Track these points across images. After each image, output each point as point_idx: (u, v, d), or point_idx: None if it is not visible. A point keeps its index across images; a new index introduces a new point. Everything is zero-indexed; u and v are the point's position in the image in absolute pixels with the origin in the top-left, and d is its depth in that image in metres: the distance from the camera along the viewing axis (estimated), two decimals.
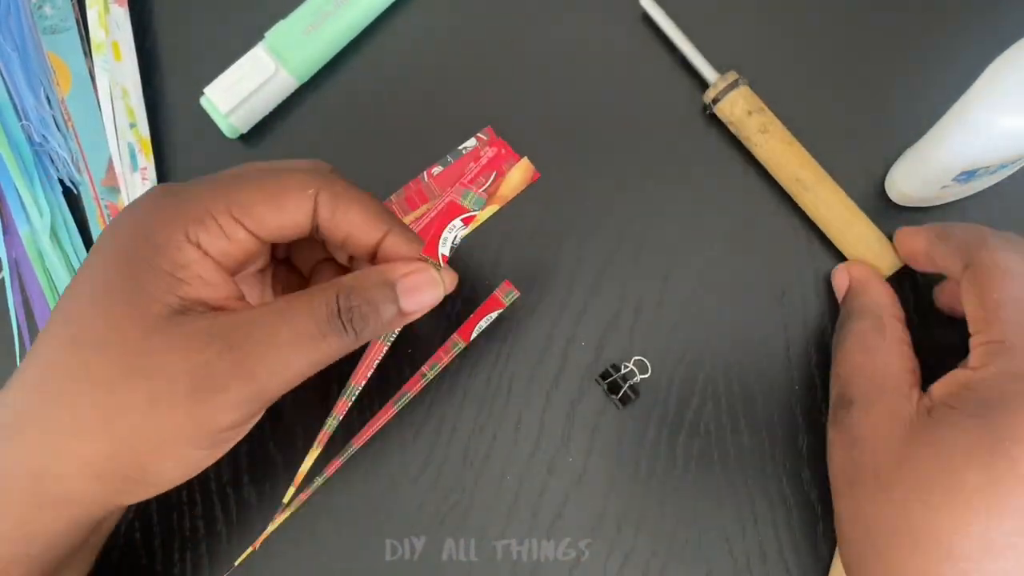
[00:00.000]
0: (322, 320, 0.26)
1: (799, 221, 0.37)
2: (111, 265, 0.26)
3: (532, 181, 0.38)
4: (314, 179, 0.28)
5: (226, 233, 0.27)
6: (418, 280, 0.28)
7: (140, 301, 0.25)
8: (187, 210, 0.26)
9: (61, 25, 0.40)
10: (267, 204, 0.27)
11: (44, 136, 0.38)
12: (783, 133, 0.36)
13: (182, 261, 0.26)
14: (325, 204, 0.28)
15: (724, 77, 0.36)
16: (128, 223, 0.27)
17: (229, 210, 0.27)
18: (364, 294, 0.27)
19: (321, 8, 0.38)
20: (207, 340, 0.25)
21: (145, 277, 0.25)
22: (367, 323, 0.27)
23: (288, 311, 0.26)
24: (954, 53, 0.38)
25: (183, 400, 0.25)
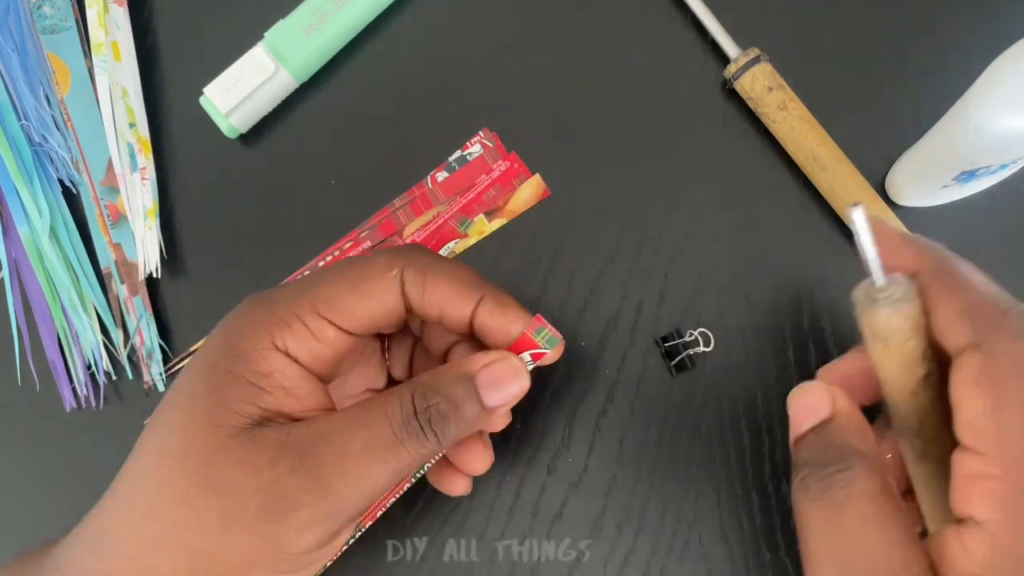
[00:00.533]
0: (398, 424, 0.24)
1: (812, 206, 0.37)
2: (198, 374, 0.25)
3: (543, 198, 0.38)
4: (396, 258, 0.27)
5: (314, 333, 0.26)
6: (499, 371, 0.26)
7: (219, 412, 0.24)
8: (272, 315, 0.26)
9: (61, 25, 0.40)
10: (352, 293, 0.26)
11: (44, 136, 0.38)
12: (802, 111, 0.36)
13: (265, 369, 0.25)
14: (412, 282, 0.27)
15: (746, 53, 0.36)
16: (219, 333, 0.26)
17: (315, 308, 0.26)
18: (442, 391, 0.25)
19: (321, 8, 0.38)
20: (278, 454, 0.24)
21: (226, 387, 0.25)
22: (447, 423, 0.25)
23: (362, 417, 0.25)
24: (955, 52, 0.38)
25: (254, 520, 0.23)
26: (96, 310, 0.37)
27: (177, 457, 0.24)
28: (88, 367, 0.37)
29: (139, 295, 0.37)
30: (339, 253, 0.38)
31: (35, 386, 0.37)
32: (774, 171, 0.37)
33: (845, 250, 0.36)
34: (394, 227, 0.38)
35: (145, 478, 0.25)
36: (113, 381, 0.37)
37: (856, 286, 0.26)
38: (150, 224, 0.37)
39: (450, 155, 0.38)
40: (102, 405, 0.37)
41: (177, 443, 0.24)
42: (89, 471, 0.37)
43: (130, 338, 0.37)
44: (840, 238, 0.37)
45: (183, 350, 0.37)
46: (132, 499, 0.25)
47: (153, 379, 0.37)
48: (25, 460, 0.37)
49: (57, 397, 0.37)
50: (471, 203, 0.38)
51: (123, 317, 0.37)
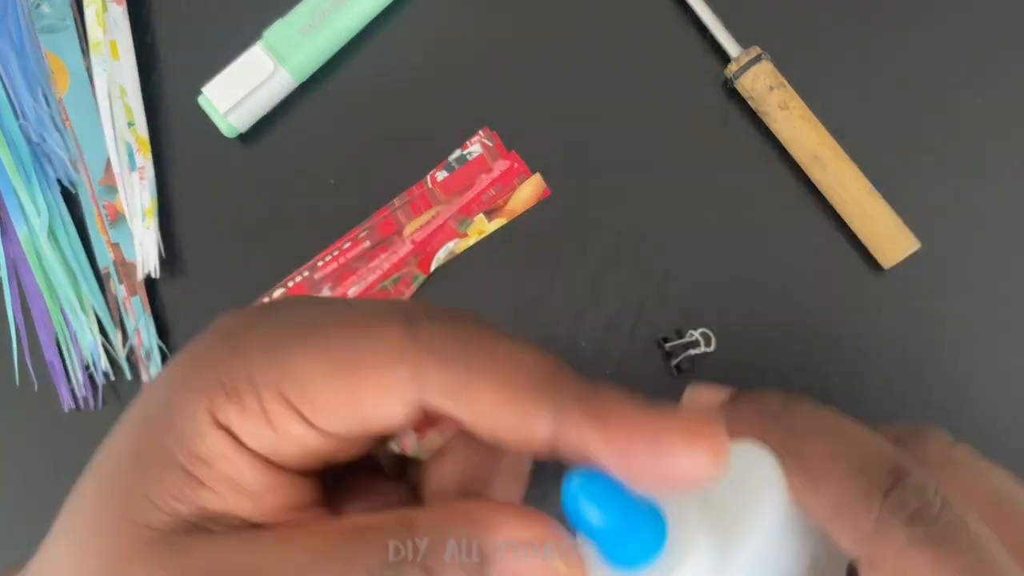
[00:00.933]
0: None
1: (813, 206, 0.37)
2: (127, 439, 0.18)
3: (543, 197, 0.38)
4: (414, 344, 0.16)
5: (270, 421, 0.17)
6: (525, 570, 0.17)
7: (138, 505, 0.17)
8: (224, 372, 0.17)
9: (59, 24, 0.39)
10: (334, 384, 0.16)
11: (42, 135, 0.38)
12: (803, 110, 0.36)
13: (204, 454, 0.17)
14: (437, 389, 0.16)
15: (747, 52, 0.36)
16: (166, 373, 0.19)
17: (280, 385, 0.16)
18: (428, 561, 0.16)
19: (320, 7, 0.38)
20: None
21: (152, 470, 0.17)
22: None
23: (319, 564, 0.16)
24: (956, 51, 0.38)
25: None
26: (94, 310, 0.37)
27: (78, 552, 0.18)
28: (86, 367, 0.37)
29: (138, 295, 0.37)
30: (338, 253, 0.38)
31: (33, 386, 0.37)
32: (775, 171, 0.37)
33: (846, 250, 0.36)
34: (393, 227, 0.38)
35: (47, 568, 0.19)
36: (111, 381, 0.37)
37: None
38: (148, 224, 0.37)
39: (450, 154, 0.38)
40: (100, 405, 0.37)
41: (81, 533, 0.18)
42: None
43: (128, 338, 0.37)
44: (841, 238, 0.36)
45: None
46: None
47: (152, 379, 0.37)
48: (23, 460, 0.37)
49: (55, 397, 0.37)
50: (471, 203, 0.38)
51: (121, 317, 0.37)
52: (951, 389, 0.35)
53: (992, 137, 0.37)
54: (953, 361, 0.29)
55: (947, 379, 0.35)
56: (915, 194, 0.36)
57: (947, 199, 0.35)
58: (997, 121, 0.37)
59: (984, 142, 0.37)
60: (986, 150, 0.37)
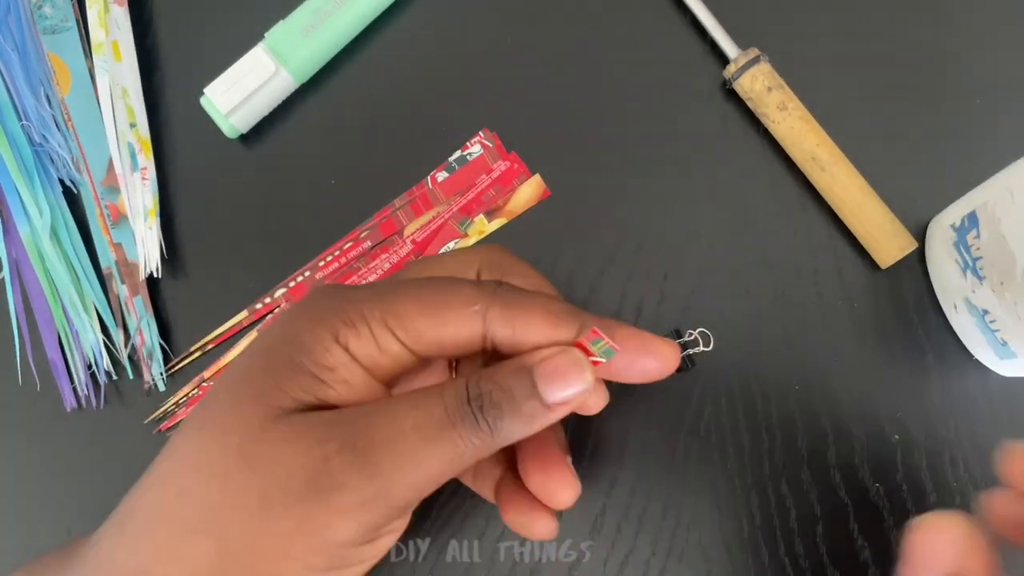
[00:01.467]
0: (452, 407, 0.23)
1: (812, 206, 0.37)
2: (255, 357, 0.24)
3: (543, 198, 0.38)
4: (482, 293, 0.24)
5: (378, 342, 0.24)
6: (559, 363, 0.24)
7: (271, 393, 0.23)
8: (341, 312, 0.24)
9: (61, 25, 0.40)
10: (425, 317, 0.24)
11: (44, 136, 0.38)
12: (802, 111, 0.36)
13: (329, 363, 0.23)
14: (499, 320, 0.24)
15: (746, 53, 0.36)
16: (284, 319, 0.25)
17: (384, 319, 0.24)
18: (496, 380, 0.23)
19: (321, 8, 0.38)
20: (327, 431, 0.22)
21: (283, 372, 0.23)
22: (501, 412, 0.23)
23: (414, 398, 0.23)
24: (956, 48, 0.38)
25: (295, 500, 0.22)
26: (97, 310, 0.37)
27: (218, 434, 0.23)
28: (89, 367, 0.37)
29: (139, 295, 0.37)
30: (339, 253, 0.38)
31: (36, 386, 0.37)
32: (774, 171, 0.37)
33: (845, 250, 0.37)
34: (394, 227, 0.38)
35: (181, 457, 0.23)
36: (114, 381, 0.37)
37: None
38: (150, 224, 0.37)
39: (450, 155, 0.38)
40: (103, 405, 0.37)
41: (219, 420, 0.23)
42: (90, 471, 0.37)
43: (131, 338, 0.37)
44: (840, 238, 0.37)
45: (184, 350, 0.37)
46: (164, 479, 0.23)
47: (154, 379, 0.37)
48: (25, 459, 0.37)
49: (57, 397, 0.37)
50: (471, 203, 0.38)
51: (124, 317, 0.37)
52: (949, 385, 0.35)
53: (991, 137, 0.37)
54: (953, 361, 0.29)
55: (944, 376, 0.35)
56: (913, 194, 0.37)
57: (945, 199, 0.35)
58: (996, 121, 0.37)
59: (983, 142, 0.37)
60: (985, 150, 0.37)
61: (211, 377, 0.37)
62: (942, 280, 0.35)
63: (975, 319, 0.33)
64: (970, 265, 0.33)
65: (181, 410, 0.37)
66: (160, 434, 0.37)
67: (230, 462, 0.22)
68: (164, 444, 0.25)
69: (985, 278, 0.32)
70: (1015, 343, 0.32)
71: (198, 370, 0.37)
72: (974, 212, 0.32)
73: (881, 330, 0.36)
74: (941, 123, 0.38)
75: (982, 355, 0.35)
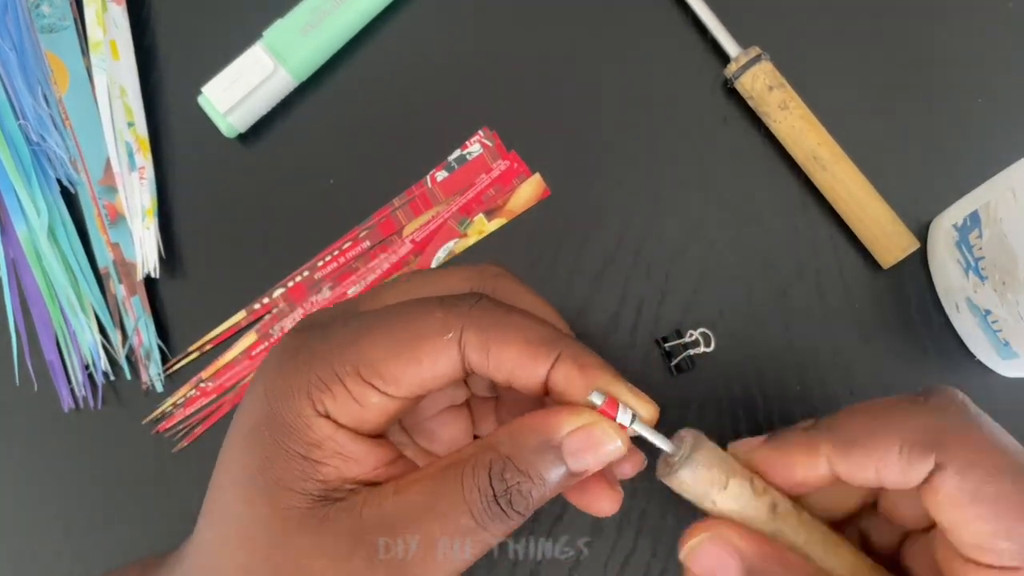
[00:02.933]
0: (479, 512, 0.22)
1: (812, 206, 0.37)
2: (243, 446, 0.23)
3: (542, 197, 0.38)
4: (454, 317, 0.23)
5: (357, 399, 0.23)
6: (589, 439, 0.23)
7: (280, 495, 0.22)
8: (310, 375, 0.23)
9: (59, 24, 0.39)
10: (398, 358, 0.23)
11: (42, 135, 0.38)
12: (803, 110, 0.36)
13: (314, 439, 0.22)
14: (473, 345, 0.23)
15: (747, 52, 0.36)
16: (259, 391, 0.24)
17: (357, 371, 0.23)
18: (522, 465, 0.22)
19: (320, 7, 0.38)
20: (352, 546, 0.22)
21: (278, 465, 0.23)
22: (531, 499, 0.22)
23: (440, 501, 0.22)
24: (957, 46, 0.38)
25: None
26: (94, 310, 0.37)
27: (245, 542, 0.23)
28: (86, 367, 0.37)
29: (137, 295, 0.37)
30: (338, 252, 0.38)
31: (33, 386, 0.37)
32: (774, 171, 0.37)
33: (847, 250, 0.36)
34: (393, 227, 0.38)
35: (216, 559, 0.24)
36: (111, 381, 0.37)
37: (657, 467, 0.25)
38: (148, 224, 0.37)
39: (450, 154, 0.38)
40: (100, 405, 0.37)
41: (242, 526, 0.23)
42: (87, 471, 0.37)
43: (128, 338, 0.37)
44: (842, 238, 0.36)
45: (181, 350, 0.37)
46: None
47: (151, 379, 0.37)
48: (23, 460, 0.37)
49: (55, 397, 0.37)
50: (471, 203, 0.38)
51: (121, 317, 0.37)
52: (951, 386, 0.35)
53: (993, 137, 0.37)
54: (955, 361, 0.29)
55: (946, 378, 0.35)
56: (915, 194, 0.37)
57: (947, 199, 0.35)
58: (998, 121, 0.37)
59: (985, 142, 0.37)
60: (987, 150, 0.37)
61: (209, 378, 0.37)
62: (944, 280, 0.35)
63: (977, 319, 0.33)
64: (972, 265, 0.32)
65: (179, 411, 0.37)
66: (158, 435, 0.37)
67: (263, 571, 0.22)
68: (164, 446, 0.25)
69: (987, 278, 0.31)
70: (1017, 343, 0.31)
71: (196, 370, 0.37)
72: (976, 212, 0.32)
73: (882, 330, 0.36)
74: (943, 123, 0.37)
75: (984, 355, 0.35)
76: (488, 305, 0.24)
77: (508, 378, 0.23)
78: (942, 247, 0.35)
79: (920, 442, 0.22)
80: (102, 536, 0.36)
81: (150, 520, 0.36)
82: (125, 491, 0.36)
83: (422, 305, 0.24)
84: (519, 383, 0.23)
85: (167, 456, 0.36)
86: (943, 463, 0.22)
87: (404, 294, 0.26)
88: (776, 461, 0.25)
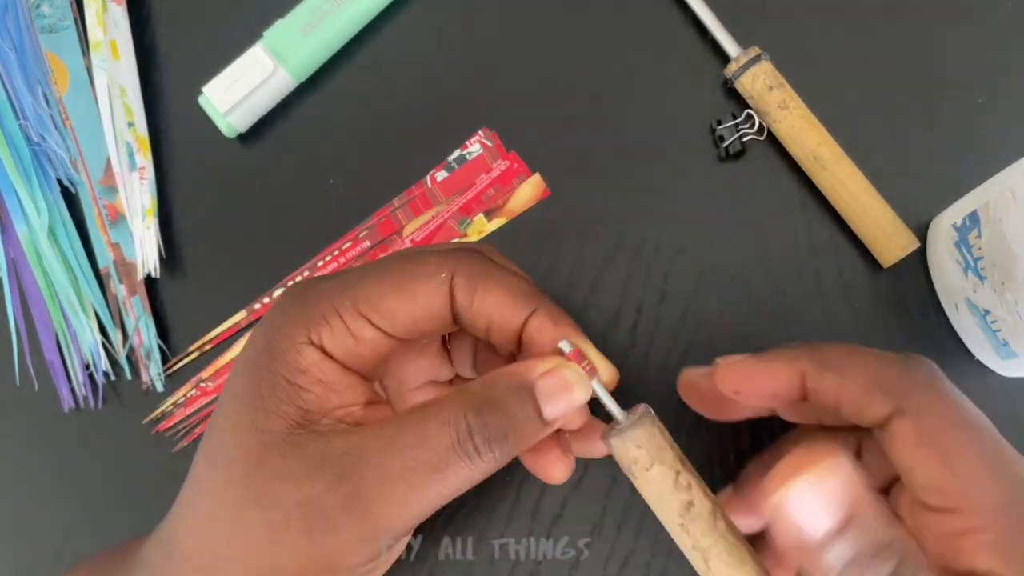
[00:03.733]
0: (443, 448, 0.22)
1: (812, 206, 0.37)
2: (241, 375, 0.25)
3: (542, 197, 0.38)
4: (447, 261, 0.25)
5: (352, 331, 0.24)
6: (560, 380, 0.24)
7: (261, 416, 0.23)
8: (311, 309, 0.24)
9: (59, 24, 0.39)
10: (395, 294, 0.24)
11: (42, 135, 0.38)
12: (803, 110, 0.36)
13: (301, 365, 0.24)
14: (462, 288, 0.25)
15: (746, 52, 0.36)
16: (260, 327, 0.25)
17: (355, 306, 0.24)
18: (498, 407, 0.23)
19: (320, 7, 0.38)
20: (315, 469, 0.23)
21: (265, 387, 0.24)
22: (506, 441, 0.23)
23: (404, 436, 0.23)
24: (957, 46, 0.38)
25: (297, 540, 0.23)
26: (94, 310, 0.37)
27: (224, 465, 0.24)
28: (86, 367, 0.37)
29: (137, 295, 0.37)
30: (338, 253, 0.38)
31: (33, 386, 0.37)
32: (774, 170, 0.37)
33: (846, 249, 0.36)
34: (393, 227, 0.38)
35: (199, 485, 0.25)
36: (111, 381, 0.37)
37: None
38: (148, 224, 0.37)
39: (449, 154, 0.38)
40: (100, 405, 0.37)
41: (225, 450, 0.24)
42: (87, 471, 0.37)
43: (128, 338, 0.37)
44: (842, 237, 0.36)
45: (182, 350, 0.37)
46: (193, 505, 0.25)
47: (152, 379, 0.37)
48: (23, 460, 0.37)
49: (55, 397, 0.37)
50: (470, 203, 0.38)
51: (121, 317, 0.37)
52: None
53: (993, 137, 0.37)
54: (954, 361, 0.29)
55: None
56: (914, 194, 0.37)
57: (947, 199, 0.35)
58: (998, 121, 0.37)
59: (985, 142, 0.37)
60: (987, 149, 0.37)
61: (209, 377, 0.37)
62: (943, 280, 0.35)
63: (976, 319, 0.33)
64: (971, 265, 0.32)
65: (179, 410, 0.37)
66: (158, 435, 0.37)
67: (239, 495, 0.23)
68: (164, 446, 0.25)
69: (986, 278, 0.32)
70: (1016, 343, 0.31)
71: (196, 370, 0.37)
72: (975, 212, 0.32)
73: (882, 330, 0.36)
74: (943, 122, 0.37)
75: (983, 355, 0.35)
76: (478, 256, 0.26)
77: (487, 324, 0.25)
78: (942, 247, 0.35)
79: (883, 386, 0.24)
80: (102, 536, 0.36)
81: (150, 520, 0.36)
82: (125, 491, 0.36)
83: (418, 251, 0.26)
84: (497, 330, 0.25)
85: (167, 456, 0.36)
86: (902, 409, 0.24)
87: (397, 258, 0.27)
88: (759, 371, 0.26)
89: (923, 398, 0.24)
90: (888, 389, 0.24)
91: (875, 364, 0.25)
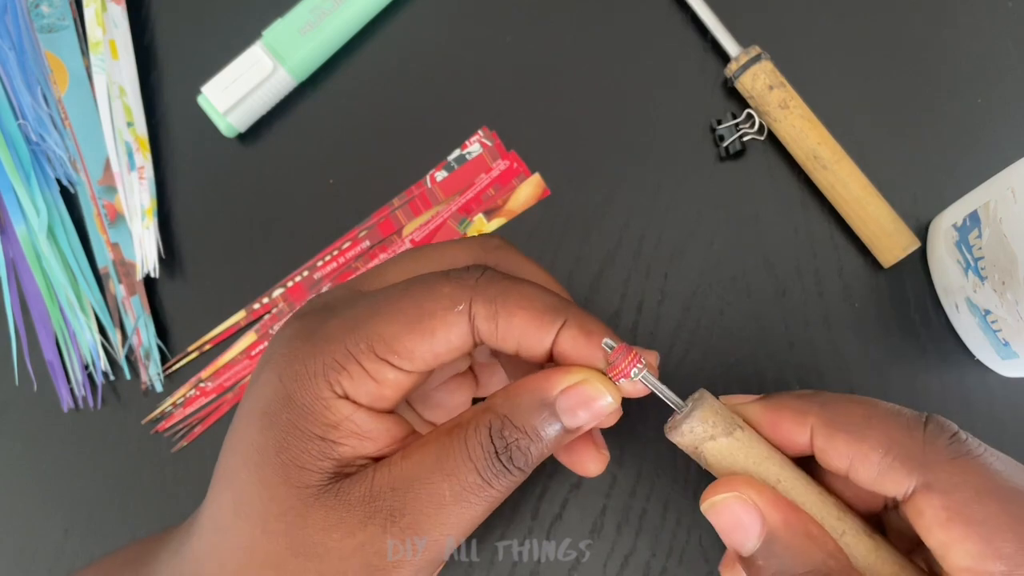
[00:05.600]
0: (483, 468, 0.23)
1: (813, 205, 0.37)
2: (257, 427, 0.24)
3: (542, 197, 0.38)
4: (462, 290, 0.23)
5: (372, 376, 0.23)
6: (580, 396, 0.23)
7: (295, 473, 0.23)
8: (326, 356, 0.23)
9: (58, 24, 0.39)
10: (411, 333, 0.23)
11: (41, 135, 0.38)
12: (803, 109, 0.36)
13: (331, 420, 0.23)
14: (482, 316, 0.23)
15: (747, 51, 0.36)
16: (271, 376, 0.24)
17: (371, 348, 0.23)
18: (519, 423, 0.23)
19: (319, 6, 0.38)
20: (367, 514, 0.23)
21: (295, 445, 0.23)
22: (530, 455, 0.23)
23: (447, 462, 0.23)
24: (959, 45, 0.38)
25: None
26: (94, 310, 0.37)
27: (258, 520, 0.23)
28: (86, 367, 0.37)
29: (137, 295, 0.37)
30: (338, 252, 0.38)
31: (32, 386, 0.37)
32: (775, 170, 0.37)
33: (847, 249, 0.36)
34: (393, 227, 0.38)
35: (228, 536, 0.24)
36: (111, 381, 0.37)
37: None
38: (148, 224, 0.37)
39: (449, 154, 0.38)
40: (99, 405, 0.37)
41: (256, 504, 0.23)
42: (87, 471, 0.37)
43: (128, 338, 0.37)
44: (842, 237, 0.36)
45: (181, 350, 0.37)
46: (222, 560, 0.24)
47: (151, 379, 0.37)
48: (22, 460, 0.37)
49: (54, 397, 0.37)
50: (470, 202, 0.38)
51: (121, 317, 0.37)
52: (951, 386, 0.35)
53: (994, 137, 0.37)
54: (954, 361, 0.29)
55: (945, 377, 0.35)
56: (915, 194, 0.37)
57: (947, 199, 0.35)
58: (998, 121, 0.37)
59: (985, 142, 0.37)
60: (987, 149, 0.37)
61: (208, 377, 0.37)
62: (944, 280, 0.35)
63: (977, 319, 0.33)
64: (972, 265, 0.32)
65: (178, 411, 0.37)
66: (157, 435, 0.37)
67: (281, 549, 0.23)
68: (163, 446, 0.25)
69: (987, 278, 0.31)
70: (1016, 343, 0.31)
71: (195, 370, 0.37)
72: (976, 212, 0.32)
73: (882, 330, 0.36)
74: (943, 122, 0.37)
75: (983, 355, 0.35)
76: (493, 276, 0.24)
77: (516, 347, 0.24)
78: (942, 247, 0.35)
79: (903, 455, 0.22)
80: (102, 536, 0.36)
81: (150, 520, 0.36)
82: (125, 491, 0.36)
83: (429, 280, 0.24)
84: (527, 351, 0.24)
85: (167, 456, 0.36)
86: (929, 483, 0.22)
87: (408, 271, 0.26)
88: (764, 419, 0.25)
89: (951, 470, 0.22)
90: (910, 459, 0.22)
91: (894, 428, 0.23)
